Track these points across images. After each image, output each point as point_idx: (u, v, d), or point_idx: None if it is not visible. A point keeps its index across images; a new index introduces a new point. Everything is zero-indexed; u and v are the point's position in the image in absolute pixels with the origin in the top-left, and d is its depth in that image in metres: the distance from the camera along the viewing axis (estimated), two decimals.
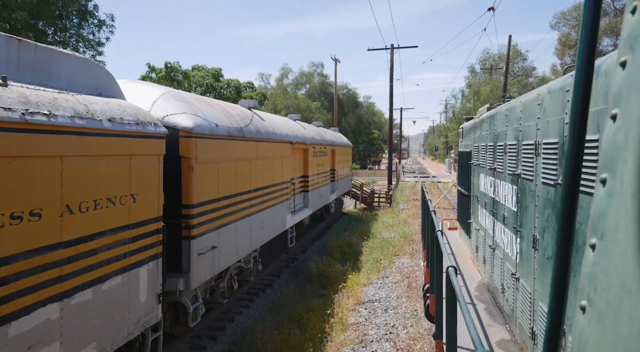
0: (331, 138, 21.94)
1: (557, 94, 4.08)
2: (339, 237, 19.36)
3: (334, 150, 22.43)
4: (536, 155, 4.69)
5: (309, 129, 18.06)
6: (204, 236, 8.07)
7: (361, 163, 74.78)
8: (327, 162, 20.51)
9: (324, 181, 19.79)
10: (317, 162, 18.31)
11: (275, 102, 53.19)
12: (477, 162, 8.71)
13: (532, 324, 4.75)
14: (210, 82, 44.62)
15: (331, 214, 24.26)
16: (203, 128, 8.00)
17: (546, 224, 4.33)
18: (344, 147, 25.56)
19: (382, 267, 15.07)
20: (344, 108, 71.73)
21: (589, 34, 0.99)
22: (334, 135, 23.81)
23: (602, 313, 0.83)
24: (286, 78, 69.91)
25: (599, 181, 0.89)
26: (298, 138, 14.99)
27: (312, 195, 17.15)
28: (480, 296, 7.33)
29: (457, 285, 3.53)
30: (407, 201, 33.21)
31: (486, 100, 44.57)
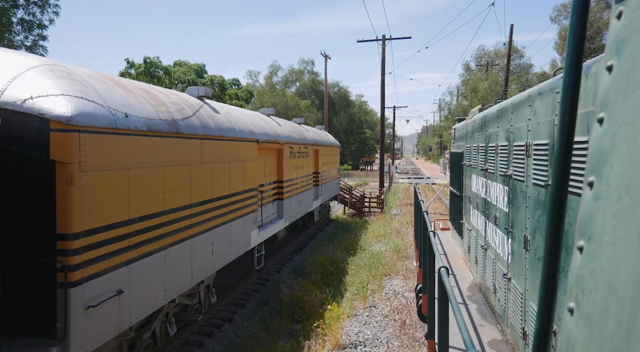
0: (314, 137, 19.36)
1: (547, 95, 4.11)
2: (322, 252, 16.77)
3: (318, 150, 19.84)
4: (527, 157, 4.71)
5: (286, 125, 15.46)
6: (99, 278, 5.45)
7: (353, 164, 72.25)
8: (309, 164, 17.94)
9: (305, 185, 17.21)
10: (296, 164, 15.73)
11: (262, 100, 50.55)
12: (469, 163, 8.73)
13: (524, 324, 4.78)
14: (192, 78, 41.89)
15: (315, 223, 21.68)
16: (95, 118, 5.38)
17: (537, 225, 4.35)
18: (330, 147, 22.99)
19: (370, 291, 12.51)
20: (335, 107, 69.20)
21: (576, 35, 0.97)
22: (319, 134, 21.23)
23: (589, 315, 0.85)
24: (275, 76, 67.31)
25: (586, 183, 0.92)
26: (268, 136, 12.38)
27: (288, 203, 14.56)
28: (472, 296, 7.32)
29: (448, 285, 3.53)
30: (400, 205, 30.66)
31: (484, 97, 42.15)
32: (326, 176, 21.91)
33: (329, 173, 22.62)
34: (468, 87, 44.97)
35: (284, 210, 14.10)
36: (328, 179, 22.44)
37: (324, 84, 62.05)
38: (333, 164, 24.22)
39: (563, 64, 1.06)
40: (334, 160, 24.42)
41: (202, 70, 44.75)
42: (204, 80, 43.24)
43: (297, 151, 15.90)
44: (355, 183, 54.50)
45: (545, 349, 1.02)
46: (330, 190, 23.42)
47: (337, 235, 20.57)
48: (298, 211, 16.01)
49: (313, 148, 18.74)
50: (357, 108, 75.75)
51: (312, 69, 68.07)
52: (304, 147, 16.85)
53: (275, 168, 13.83)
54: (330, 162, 23.43)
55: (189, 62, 45.15)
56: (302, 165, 16.71)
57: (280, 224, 13.79)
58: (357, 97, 77.77)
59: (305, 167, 17.13)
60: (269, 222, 12.91)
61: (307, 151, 17.45)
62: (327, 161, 22.36)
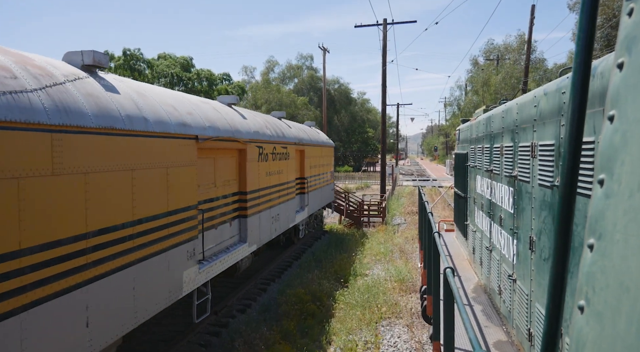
0: (298, 134, 15.78)
1: (553, 95, 4.10)
2: (305, 280, 13.20)
3: (303, 151, 16.26)
4: (532, 157, 4.70)
5: (254, 119, 11.89)
6: None
7: (355, 165, 68.63)
8: (291, 168, 14.36)
9: (284, 195, 13.65)
10: (270, 168, 12.17)
11: (256, 97, 47.04)
12: (473, 164, 8.73)
13: (529, 325, 4.73)
14: (176, 71, 38.44)
15: (301, 239, 18.08)
16: None
17: (543, 226, 4.32)
18: (320, 147, 19.40)
19: (362, 346, 8.95)
20: (335, 104, 65.64)
21: (585, 35, 0.98)
22: (306, 132, 17.64)
23: (600, 312, 0.85)
24: (272, 72, 63.80)
25: (597, 181, 0.91)
26: (218, 131, 8.82)
27: (255, 221, 11.00)
28: (477, 297, 7.24)
29: (454, 286, 3.53)
30: (404, 213, 27.01)
31: (497, 91, 38.36)
32: (316, 181, 18.32)
33: (319, 178, 19.03)
34: (479, 80, 41.06)
35: (249, 231, 10.53)
36: (318, 184, 18.86)
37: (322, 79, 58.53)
38: (325, 166, 20.63)
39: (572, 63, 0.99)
40: (326, 162, 20.83)
41: (189, 63, 41.29)
42: (190, 74, 39.80)
43: (272, 152, 12.34)
44: (356, 186, 50.86)
45: (553, 350, 1.01)
46: (322, 198, 19.83)
47: (328, 253, 16.98)
48: (272, 229, 12.43)
49: (296, 148, 15.16)
50: (359, 106, 72.13)
51: (311, 64, 64.55)
52: (282, 146, 13.28)
53: (236, 175, 10.27)
54: (322, 165, 19.84)
55: (174, 55, 41.70)
56: (280, 169, 13.14)
57: (242, 250, 10.22)
58: (359, 95, 74.20)
59: (284, 172, 13.56)
60: (222, 251, 9.34)
61: (287, 152, 13.87)
62: (318, 164, 18.77)
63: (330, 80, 66.21)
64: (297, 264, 15.81)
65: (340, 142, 67.75)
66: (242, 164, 10.41)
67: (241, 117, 10.87)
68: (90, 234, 5.18)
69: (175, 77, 38.68)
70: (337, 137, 67.10)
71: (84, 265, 5.08)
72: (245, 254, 10.40)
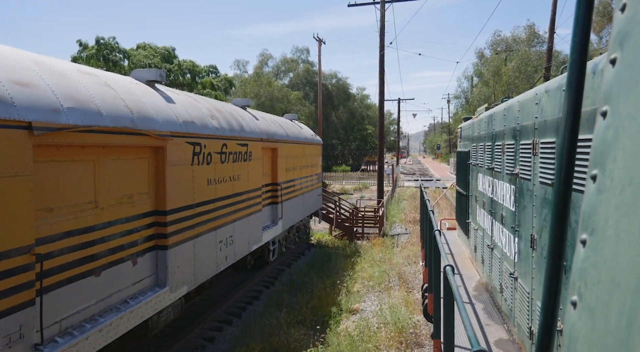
0: (268, 128, 12.27)
1: (555, 93, 4.09)
2: (267, 327, 9.72)
3: (276, 149, 12.77)
4: (534, 155, 4.71)
5: (191, 104, 8.40)
6: None
7: (354, 164, 65.08)
8: (255, 172, 10.88)
9: (244, 207, 10.19)
10: (217, 173, 8.72)
11: (245, 91, 43.54)
12: (475, 162, 8.74)
13: (530, 323, 4.77)
14: (155, 62, 34.92)
15: (274, 260, 14.56)
16: None
17: (544, 224, 4.34)
18: (303, 144, 15.90)
19: None
20: (333, 100, 62.07)
21: (581, 31, 0.98)
22: (282, 125, 14.14)
23: (592, 308, 0.86)
24: (266, 66, 60.21)
25: (590, 177, 0.93)
26: (94, 117, 5.34)
27: (187, 251, 7.53)
28: (478, 295, 7.25)
29: (454, 283, 3.56)
30: (406, 220, 23.47)
31: (510, 82, 34.62)
32: (295, 187, 14.84)
33: (301, 183, 15.54)
34: (490, 70, 37.21)
35: (171, 268, 7.05)
36: (299, 190, 15.37)
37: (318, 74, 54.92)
38: (310, 168, 17.14)
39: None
40: (311, 163, 17.34)
41: (171, 54, 37.77)
42: (171, 65, 36.27)
43: (220, 151, 8.86)
44: (354, 186, 47.35)
45: (549, 345, 1.02)
46: (306, 206, 16.35)
47: (308, 278, 13.50)
48: (220, 257, 8.95)
49: (265, 146, 11.66)
50: (358, 102, 68.50)
51: (307, 58, 60.82)
52: (239, 144, 9.80)
53: (148, 186, 6.78)
54: (305, 166, 16.35)
55: (155, 45, 38.20)
56: (236, 174, 9.66)
57: (158, 299, 6.73)
58: (358, 91, 70.51)
59: (243, 177, 10.08)
60: (108, 311, 5.85)
61: (249, 151, 10.38)
62: (299, 165, 15.28)
63: (327, 74, 62.64)
64: (263, 297, 12.31)
65: (339, 140, 64.20)
66: (160, 169, 6.92)
67: (163, 100, 7.39)
68: None
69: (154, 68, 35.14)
70: (335, 134, 63.54)
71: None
72: (164, 304, 6.91)
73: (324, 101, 60.35)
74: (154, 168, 6.90)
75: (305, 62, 60.67)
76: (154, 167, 6.90)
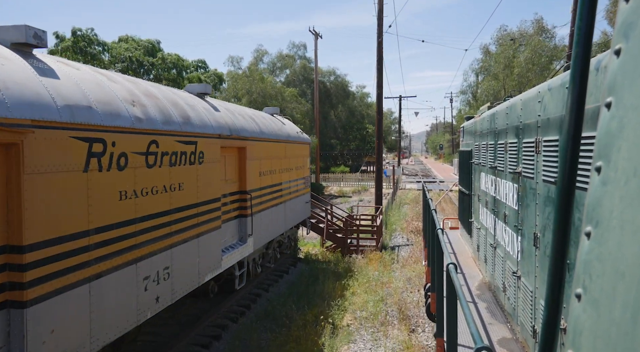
0: (233, 122, 9.66)
1: (558, 90, 4.13)
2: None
3: (244, 148, 10.15)
4: (537, 153, 4.71)
5: (96, 81, 5.79)
6: None
7: (353, 165, 62.44)
8: (210, 178, 8.28)
9: (191, 226, 7.61)
10: (136, 184, 6.14)
11: (236, 87, 40.97)
12: (478, 161, 8.69)
13: (534, 322, 4.77)
14: (135, 55, 32.35)
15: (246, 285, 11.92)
16: None
17: (547, 222, 4.34)
18: (284, 143, 13.29)
19: None
20: (331, 98, 59.52)
21: (585, 25, 0.97)
22: (254, 119, 11.53)
23: (597, 300, 0.86)
24: (261, 62, 57.62)
25: (594, 169, 0.92)
26: None
27: (67, 306, 4.92)
28: (481, 294, 7.21)
29: (457, 282, 3.51)
30: (407, 230, 20.81)
31: (522, 74, 31.75)
32: (275, 194, 12.24)
33: (282, 189, 12.94)
34: (500, 62, 34.24)
35: (30, 338, 4.45)
36: (280, 198, 12.77)
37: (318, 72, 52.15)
38: (296, 171, 14.54)
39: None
40: (296, 164, 14.73)
41: (155, 47, 35.20)
42: (154, 59, 33.70)
43: (145, 152, 6.27)
44: (353, 189, 44.70)
45: (552, 344, 1.01)
46: (289, 216, 13.75)
47: (285, 307, 10.90)
48: (131, 307, 6.33)
49: (225, 143, 9.05)
50: (358, 100, 65.86)
51: (304, 54, 58.23)
52: (180, 141, 7.20)
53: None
54: (288, 169, 13.75)
55: (138, 38, 35.64)
56: (176, 183, 7.07)
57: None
58: (358, 89, 67.84)
59: (189, 186, 7.50)
60: None
61: (200, 151, 7.78)
62: (279, 168, 12.68)
63: (325, 71, 60.00)
64: (231, 333, 9.72)
65: (337, 139, 61.60)
66: (13, 179, 4.33)
67: (32, 72, 4.78)
68: None
69: (135, 62, 32.64)
70: (334, 134, 60.96)
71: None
72: None
73: (322, 99, 57.72)
74: (3, 178, 4.30)
75: (302, 58, 58.12)
76: (3, 175, 4.30)
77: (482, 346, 2.45)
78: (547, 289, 1.01)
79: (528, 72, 31.33)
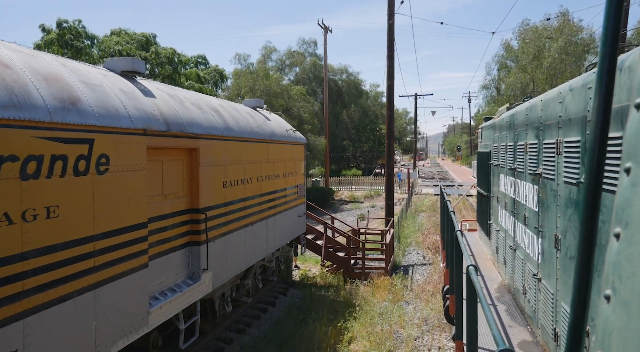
0: (170, 112, 6.81)
1: (579, 91, 4.08)
2: None
3: (198, 150, 7.30)
4: (558, 154, 4.67)
5: None
6: None
7: (366, 167, 59.42)
8: (121, 197, 5.45)
9: (95, 270, 4.81)
10: None
11: (239, 84, 38.34)
12: (496, 162, 8.69)
13: (555, 325, 4.72)
14: (126, 49, 29.82)
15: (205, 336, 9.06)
16: None
17: (568, 224, 4.31)
18: (266, 143, 10.43)
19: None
20: (343, 97, 56.58)
21: (612, 25, 0.96)
22: (216, 109, 8.71)
23: (627, 301, 0.85)
24: (269, 60, 54.91)
25: (623, 170, 0.92)
26: None
27: None
28: (500, 297, 7.10)
29: (477, 283, 3.49)
30: (424, 244, 17.76)
31: (554, 66, 28.21)
32: (250, 210, 9.40)
33: (262, 202, 10.09)
34: (529, 53, 30.56)
35: None
36: (259, 214, 9.93)
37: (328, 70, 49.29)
38: (285, 178, 11.70)
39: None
40: (287, 170, 11.88)
41: (150, 41, 32.68)
42: (147, 54, 31.17)
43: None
44: (365, 193, 41.65)
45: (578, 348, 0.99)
46: (272, 236, 10.89)
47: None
48: None
49: (154, 143, 6.22)
50: (371, 100, 62.77)
51: (315, 51, 55.31)
52: (44, 138, 4.37)
53: None
54: (274, 176, 10.91)
55: (131, 31, 33.17)
56: (35, 206, 4.25)
57: None
58: (371, 88, 64.68)
59: (67, 212, 4.68)
60: None
61: (89, 155, 4.94)
62: (257, 176, 9.84)
63: (337, 69, 57.10)
64: None
65: (350, 141, 58.61)
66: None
67: None
68: None
69: (127, 56, 30.05)
70: (346, 135, 57.97)
71: None
72: None
73: (334, 98, 54.80)
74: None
75: (312, 55, 55.18)
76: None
77: (504, 348, 2.37)
78: (574, 291, 0.97)
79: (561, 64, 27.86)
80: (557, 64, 28.43)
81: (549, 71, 28.90)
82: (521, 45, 31.98)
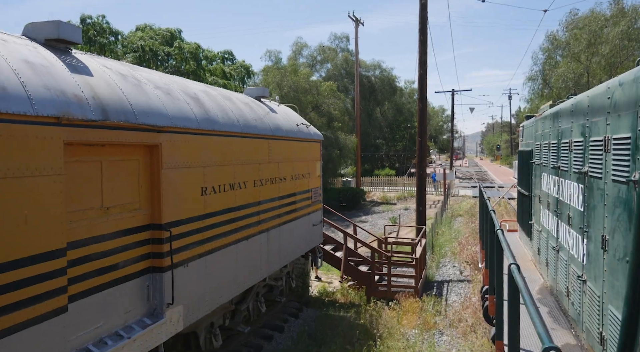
0: (119, 96, 5.08)
1: (630, 86, 3.95)
2: None
3: (158, 146, 5.55)
4: (605, 152, 4.52)
5: None
6: None
7: (400, 167, 57.00)
8: (28, 214, 3.73)
9: None
10: None
11: (267, 80, 36.78)
12: (539, 161, 8.54)
13: (601, 328, 4.54)
14: (149, 44, 28.70)
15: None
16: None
17: (617, 224, 4.15)
18: (266, 139, 8.62)
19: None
20: (376, 95, 54.30)
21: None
22: (199, 96, 6.93)
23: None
24: (300, 56, 53.29)
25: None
26: None
27: None
28: (542, 299, 6.92)
29: (520, 281, 3.35)
30: (461, 255, 15.58)
31: (612, 54, 25.07)
32: (243, 222, 7.61)
33: (261, 211, 8.30)
34: (583, 40, 27.41)
35: None
36: (257, 226, 8.13)
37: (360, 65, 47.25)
38: (294, 181, 9.87)
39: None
40: (296, 171, 10.06)
41: (176, 36, 31.52)
42: (171, 49, 29.98)
43: None
44: (397, 195, 39.44)
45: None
46: (276, 251, 9.09)
47: None
48: None
49: (87, 137, 4.49)
50: (406, 97, 60.21)
51: (347, 46, 53.32)
52: None
53: None
54: (279, 180, 9.11)
55: (157, 27, 32.12)
56: None
57: None
58: (406, 84, 62.08)
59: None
60: None
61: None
62: (254, 179, 8.05)
63: (369, 65, 54.90)
64: None
65: (383, 139, 56.36)
66: None
67: None
68: None
69: (149, 52, 29.02)
70: (379, 133, 55.72)
71: None
72: None
73: (366, 95, 52.65)
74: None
75: (344, 50, 53.24)
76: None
77: (550, 346, 2.29)
78: (627, 293, 0.94)
79: (623, 51, 24.76)
80: (618, 51, 25.32)
81: (607, 60, 25.82)
82: (574, 31, 28.90)
